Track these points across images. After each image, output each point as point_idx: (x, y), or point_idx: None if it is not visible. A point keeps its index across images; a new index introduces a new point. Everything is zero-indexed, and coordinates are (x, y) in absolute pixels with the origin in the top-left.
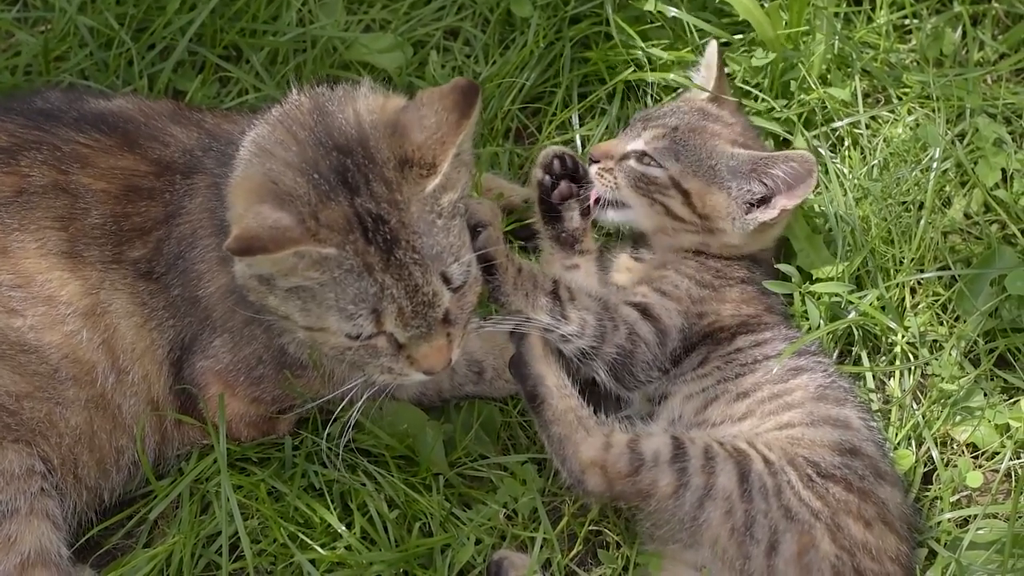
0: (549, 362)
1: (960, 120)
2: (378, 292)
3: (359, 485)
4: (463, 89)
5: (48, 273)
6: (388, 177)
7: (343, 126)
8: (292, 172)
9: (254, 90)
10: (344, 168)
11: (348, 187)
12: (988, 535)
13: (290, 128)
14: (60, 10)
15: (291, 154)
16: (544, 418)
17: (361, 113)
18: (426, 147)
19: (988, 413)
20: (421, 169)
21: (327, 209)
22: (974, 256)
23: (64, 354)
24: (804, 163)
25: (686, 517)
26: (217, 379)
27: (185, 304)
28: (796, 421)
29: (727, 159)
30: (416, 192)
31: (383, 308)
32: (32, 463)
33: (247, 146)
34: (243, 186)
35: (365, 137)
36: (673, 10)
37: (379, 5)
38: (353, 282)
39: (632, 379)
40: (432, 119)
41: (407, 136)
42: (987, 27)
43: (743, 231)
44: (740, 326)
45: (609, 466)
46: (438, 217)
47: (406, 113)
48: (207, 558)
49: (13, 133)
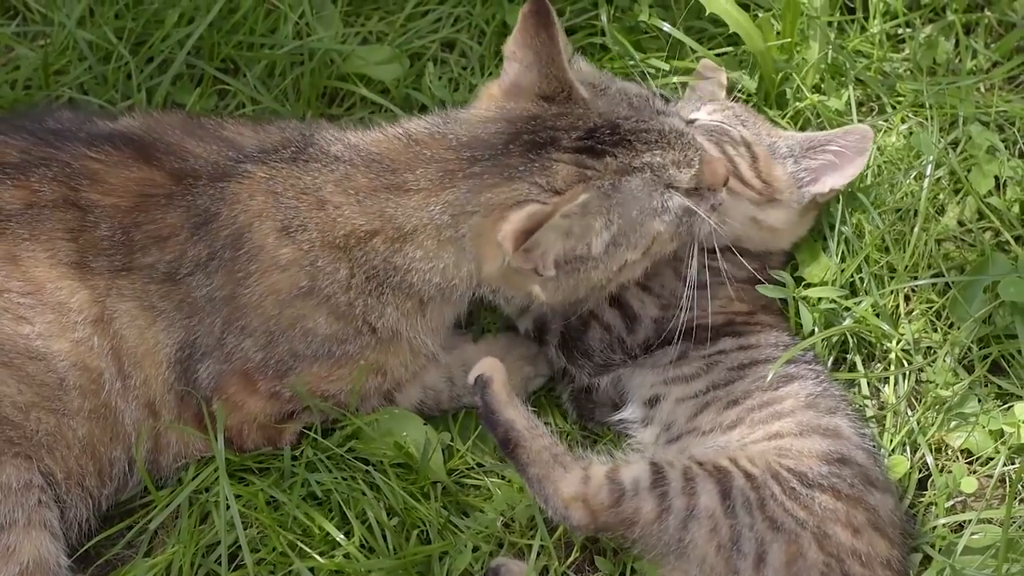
0: (515, 405)
1: (953, 128)
2: (652, 171)
3: (359, 494)
4: (532, 11)
5: (58, 282)
6: (556, 112)
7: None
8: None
9: (252, 103)
10: (523, 137)
11: (542, 145)
12: (983, 540)
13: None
14: (59, 24)
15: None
16: (520, 461)
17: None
18: (546, 77)
19: (982, 419)
20: (561, 93)
21: (550, 174)
22: (968, 263)
23: (72, 362)
24: (862, 139)
25: (672, 540)
26: (240, 379)
27: (210, 304)
28: (785, 431)
29: (784, 139)
30: (580, 99)
31: (666, 175)
32: (31, 477)
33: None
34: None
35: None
36: (666, 25)
37: (376, 17)
38: (629, 190)
39: (585, 358)
40: (530, 55)
41: (525, 88)
42: (980, 36)
43: (799, 203)
44: (726, 325)
45: (591, 499)
46: (608, 93)
47: (511, 75)
48: (206, 568)
49: (24, 150)
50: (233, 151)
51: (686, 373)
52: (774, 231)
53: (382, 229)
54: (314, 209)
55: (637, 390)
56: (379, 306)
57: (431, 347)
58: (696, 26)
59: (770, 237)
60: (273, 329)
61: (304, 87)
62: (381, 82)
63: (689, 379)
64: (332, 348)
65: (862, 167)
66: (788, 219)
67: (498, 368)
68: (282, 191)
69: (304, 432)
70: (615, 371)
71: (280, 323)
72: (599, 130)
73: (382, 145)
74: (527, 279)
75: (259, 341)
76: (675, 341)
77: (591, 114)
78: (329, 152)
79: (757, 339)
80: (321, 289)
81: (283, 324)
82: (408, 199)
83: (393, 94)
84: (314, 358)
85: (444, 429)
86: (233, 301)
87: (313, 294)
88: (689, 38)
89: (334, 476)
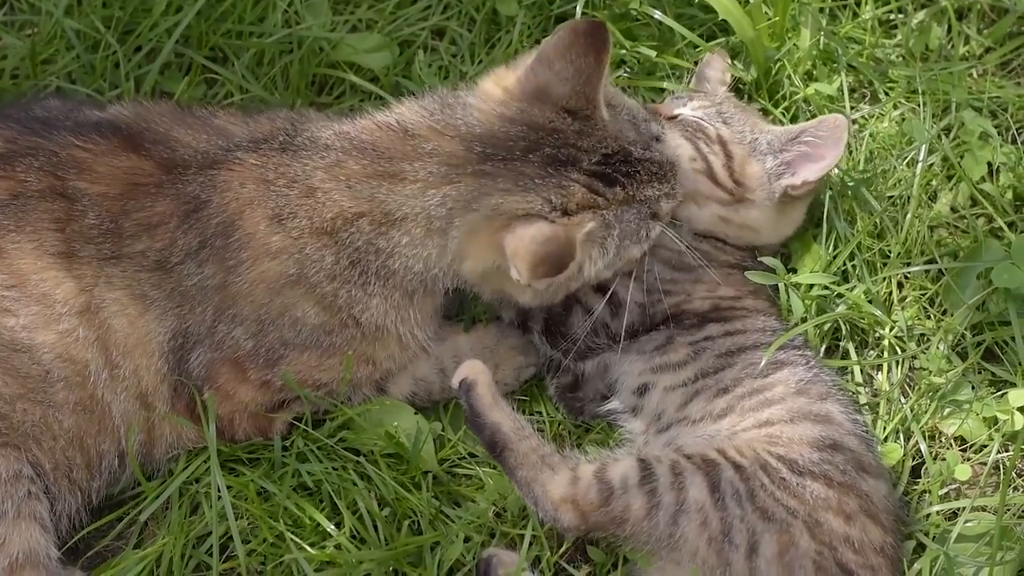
0: (501, 407)
1: (946, 114)
2: (647, 204)
3: (350, 484)
4: (590, 31)
5: (43, 273)
6: (577, 130)
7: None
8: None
9: (241, 91)
10: (545, 150)
11: (563, 163)
12: (976, 528)
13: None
14: (46, 13)
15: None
16: (508, 464)
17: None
18: (579, 96)
19: (976, 406)
20: (585, 111)
21: (566, 195)
22: (961, 250)
23: (57, 353)
24: (835, 128)
25: (663, 535)
26: (230, 367)
27: (201, 293)
28: (775, 419)
29: (766, 134)
30: (601, 120)
31: (655, 207)
32: (20, 467)
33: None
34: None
35: (536, 121)
36: (657, 13)
37: (365, 5)
38: (627, 220)
39: (568, 342)
40: (570, 71)
41: (553, 98)
42: (972, 21)
43: (770, 200)
44: (712, 311)
45: (580, 499)
46: (619, 114)
47: (539, 79)
48: (197, 559)
49: (10, 140)
50: (223, 139)
51: (674, 360)
52: (751, 229)
53: (369, 211)
54: (304, 197)
55: (625, 379)
56: (364, 298)
57: (419, 339)
58: (687, 13)
59: (749, 234)
60: (263, 317)
61: (293, 75)
62: (371, 70)
63: (677, 367)
64: (320, 338)
65: (836, 159)
66: (764, 217)
67: (482, 371)
68: (273, 179)
69: (295, 423)
70: (599, 356)
71: (270, 311)
72: (614, 156)
73: (375, 134)
74: (505, 282)
75: (250, 329)
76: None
77: (610, 139)
78: (319, 140)
79: (744, 324)
80: (307, 277)
81: (273, 312)
82: (403, 187)
83: (383, 82)
84: (304, 347)
85: (435, 419)
86: (224, 289)
87: (300, 282)
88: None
89: (325, 467)
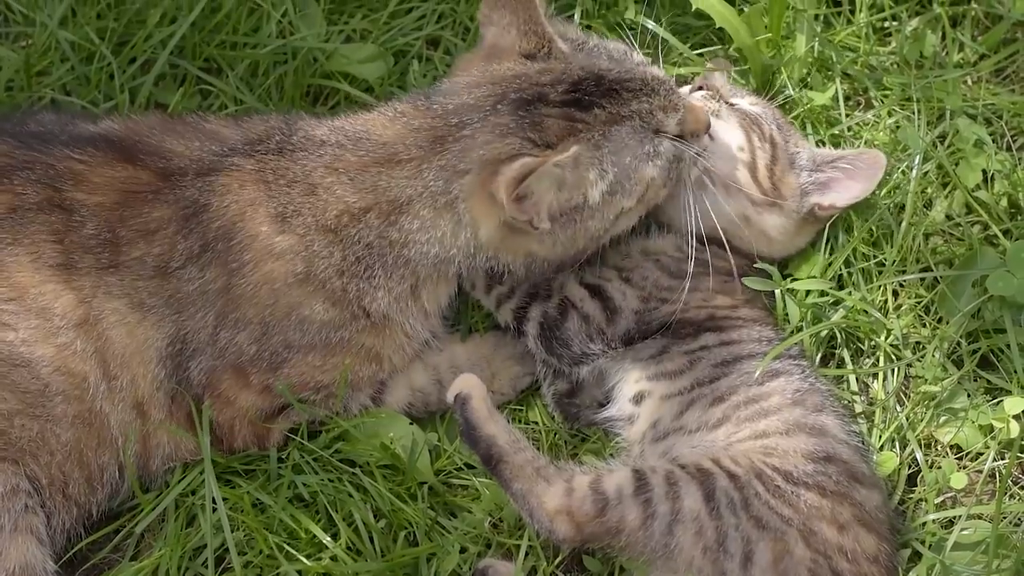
0: (496, 420)
1: (940, 122)
2: (640, 118)
3: (346, 496)
4: None
5: (42, 286)
6: (539, 68)
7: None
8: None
9: (235, 102)
10: (510, 96)
11: (531, 102)
12: (973, 536)
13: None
14: (41, 24)
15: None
16: (504, 477)
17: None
18: (526, 35)
19: (971, 414)
20: (542, 49)
21: (542, 129)
22: (956, 257)
23: (56, 367)
24: (874, 163)
25: (658, 545)
26: (232, 373)
27: (203, 298)
28: (771, 430)
29: (807, 150)
30: (560, 53)
31: (653, 121)
32: (17, 482)
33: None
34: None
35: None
36: (650, 23)
37: (359, 15)
38: (620, 138)
39: (563, 348)
40: (506, 16)
41: (506, 49)
42: (967, 28)
43: (797, 213)
44: (707, 320)
45: (575, 510)
46: (584, 46)
47: (488, 39)
48: (193, 571)
49: (6, 153)
50: (217, 144)
51: (670, 369)
52: (766, 236)
53: (376, 203)
54: (306, 195)
55: (622, 387)
56: (371, 290)
57: (423, 333)
58: (680, 22)
59: (762, 241)
60: (268, 319)
61: (287, 86)
62: (365, 80)
63: (673, 376)
64: (328, 335)
65: (867, 192)
66: (784, 227)
67: (476, 384)
68: (273, 180)
69: (290, 435)
70: (594, 363)
71: (275, 313)
72: (584, 82)
73: (368, 123)
74: (524, 239)
75: (253, 333)
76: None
77: (573, 67)
78: (315, 137)
79: (739, 334)
80: (316, 274)
81: (278, 314)
82: (400, 170)
83: (377, 92)
84: (309, 347)
85: (431, 429)
86: (227, 293)
87: (309, 280)
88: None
89: (320, 478)
